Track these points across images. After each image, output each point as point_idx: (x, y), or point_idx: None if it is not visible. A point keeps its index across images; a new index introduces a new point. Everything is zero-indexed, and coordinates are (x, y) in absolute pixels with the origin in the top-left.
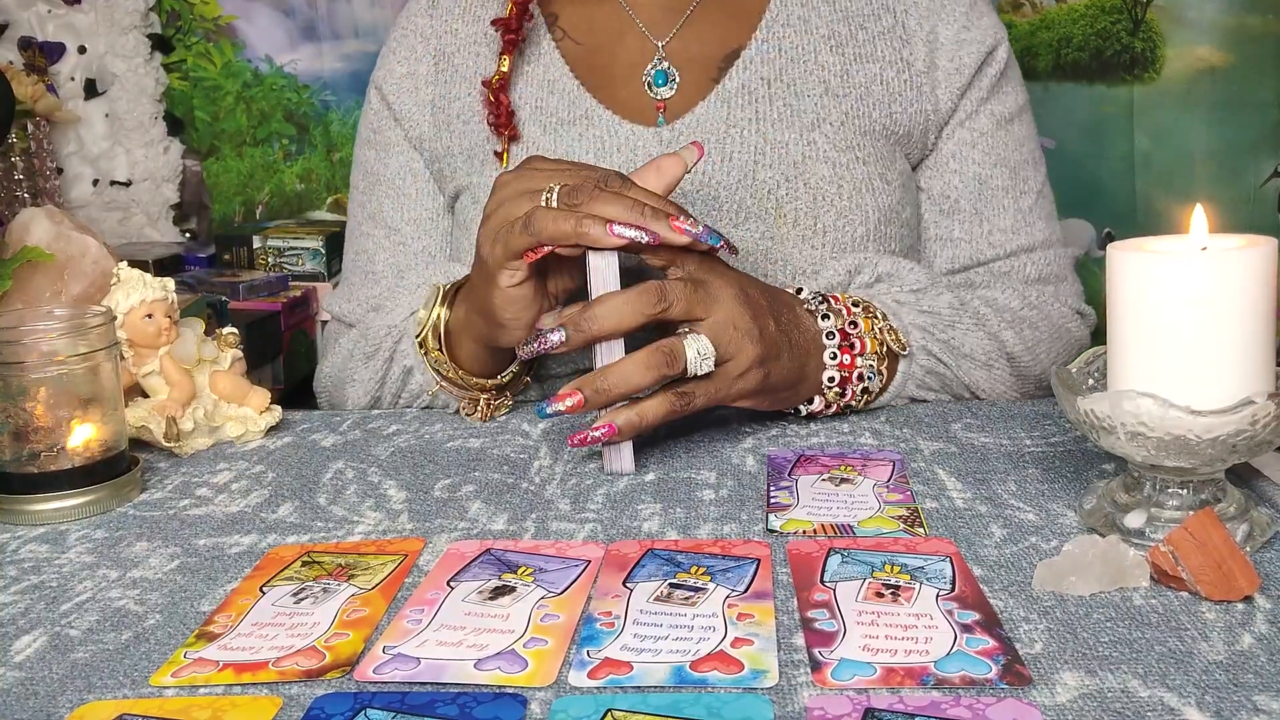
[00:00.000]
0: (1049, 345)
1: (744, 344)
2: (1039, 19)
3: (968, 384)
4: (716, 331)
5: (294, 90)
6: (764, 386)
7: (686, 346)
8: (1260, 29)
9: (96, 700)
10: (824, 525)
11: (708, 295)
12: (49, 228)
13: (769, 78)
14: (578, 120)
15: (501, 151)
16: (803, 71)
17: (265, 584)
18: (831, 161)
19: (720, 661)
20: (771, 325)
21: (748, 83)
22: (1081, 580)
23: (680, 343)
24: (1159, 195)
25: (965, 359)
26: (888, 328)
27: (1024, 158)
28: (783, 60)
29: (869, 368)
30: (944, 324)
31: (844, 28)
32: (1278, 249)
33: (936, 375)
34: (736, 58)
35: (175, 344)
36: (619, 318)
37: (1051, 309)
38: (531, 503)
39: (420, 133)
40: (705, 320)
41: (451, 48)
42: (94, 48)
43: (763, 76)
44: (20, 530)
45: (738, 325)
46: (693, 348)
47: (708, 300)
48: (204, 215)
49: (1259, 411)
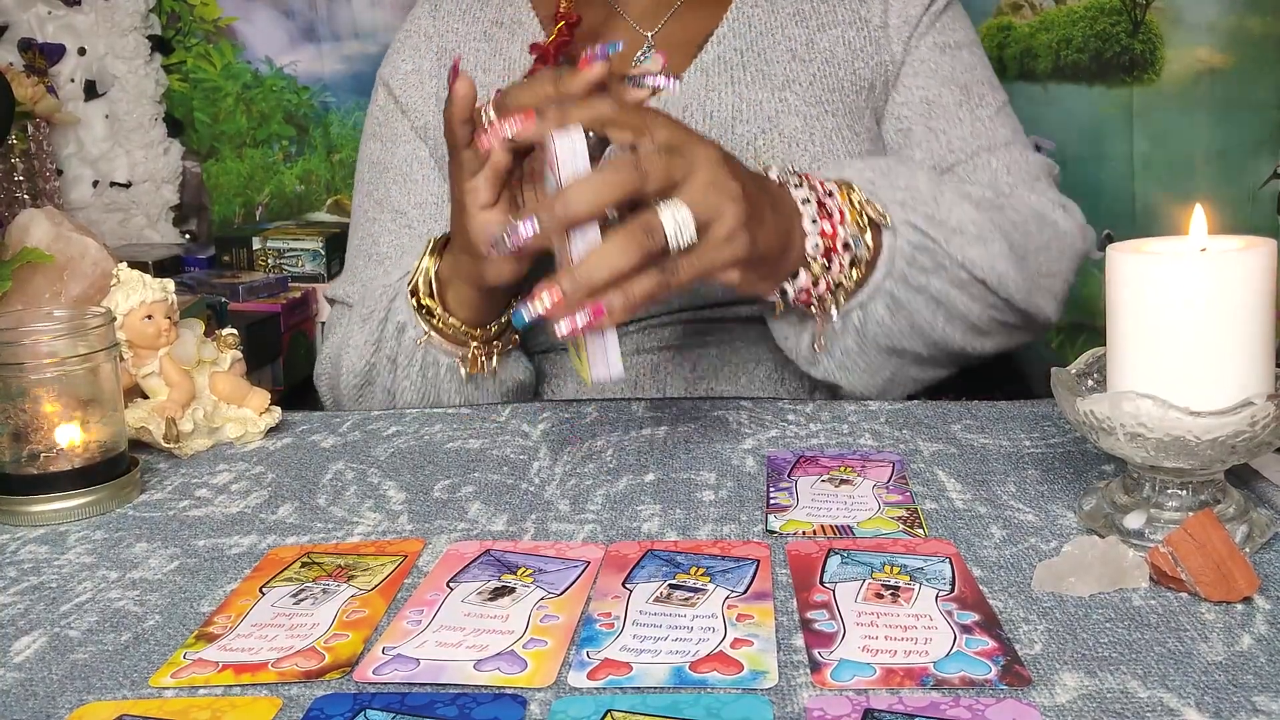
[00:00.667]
0: (1038, 230)
1: (725, 204)
2: (1038, 21)
3: (962, 261)
4: (695, 195)
5: (294, 92)
6: (751, 253)
7: (663, 217)
8: (1260, 30)
9: (96, 701)
10: (823, 526)
11: (683, 160)
12: (49, 229)
13: (741, 48)
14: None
15: None
16: (771, 42)
17: (265, 585)
18: (803, 115)
19: (720, 662)
20: (752, 187)
21: (723, 54)
22: (1081, 581)
23: (656, 215)
24: (1158, 196)
25: (955, 233)
26: (864, 199)
27: (976, 78)
28: (753, 34)
29: (853, 237)
30: (924, 199)
31: (807, 4)
32: (1277, 250)
33: (927, 252)
34: (711, 35)
35: (175, 345)
36: (594, 195)
37: (1030, 199)
38: (531, 504)
39: (426, 122)
40: (682, 185)
41: (452, 45)
42: (94, 49)
43: (736, 48)
44: (20, 531)
45: (718, 185)
46: (669, 216)
47: (683, 165)
48: (204, 217)
49: (1258, 413)
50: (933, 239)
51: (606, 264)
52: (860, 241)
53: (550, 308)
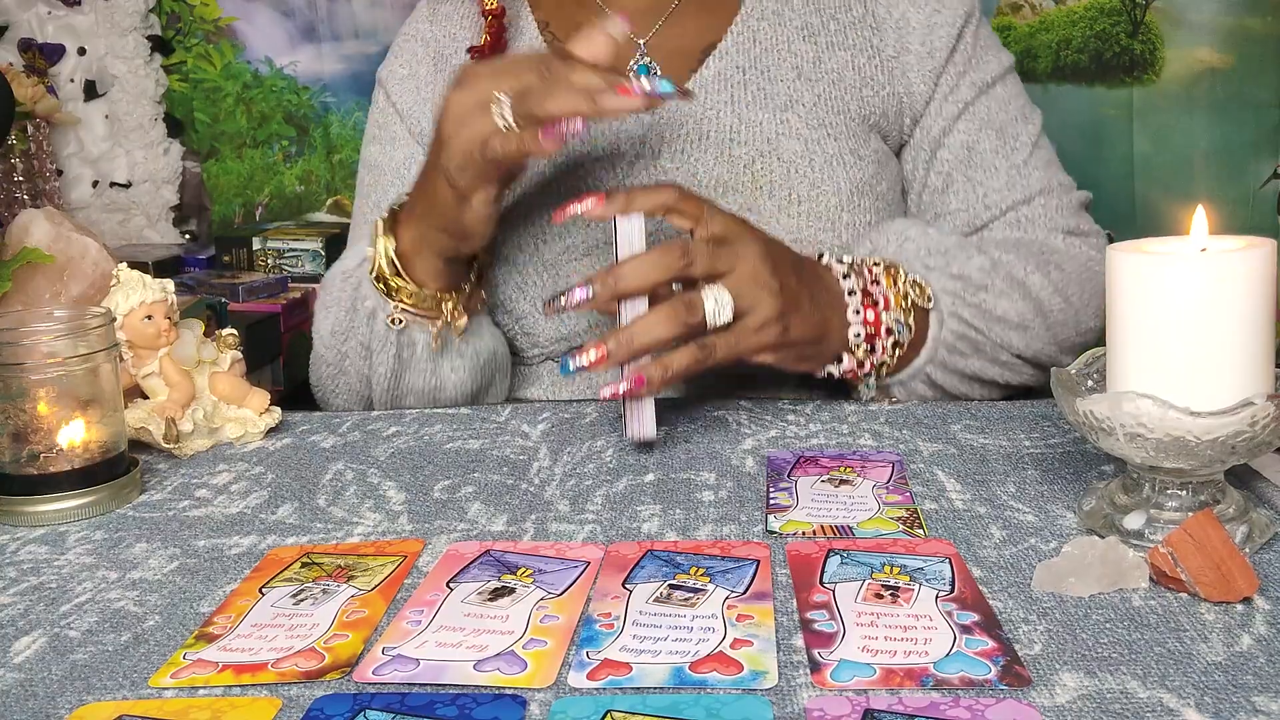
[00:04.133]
0: (1079, 287)
1: (762, 296)
2: (1038, 21)
3: (1003, 344)
4: (737, 284)
5: (294, 92)
6: (784, 340)
7: (705, 297)
8: (1260, 30)
9: (96, 701)
10: (823, 526)
11: (730, 252)
12: (49, 229)
13: (744, 65)
14: None
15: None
16: (776, 59)
17: (265, 585)
18: (803, 138)
19: (719, 662)
20: (793, 281)
21: (723, 70)
22: (1081, 581)
23: (699, 295)
24: (1158, 197)
25: (998, 322)
26: (911, 281)
27: (1011, 115)
28: (757, 50)
29: (896, 321)
30: (974, 287)
31: (816, 19)
32: (1277, 250)
33: (969, 340)
34: (713, 49)
35: (175, 345)
36: (643, 274)
37: (1076, 252)
38: (531, 504)
39: (422, 128)
40: (727, 275)
41: (449, 50)
42: (94, 49)
43: (738, 65)
44: (20, 531)
45: (758, 279)
46: (711, 298)
47: (730, 256)
48: (204, 217)
49: (1258, 413)
50: (977, 329)
51: (649, 332)
52: (903, 326)
53: (594, 362)
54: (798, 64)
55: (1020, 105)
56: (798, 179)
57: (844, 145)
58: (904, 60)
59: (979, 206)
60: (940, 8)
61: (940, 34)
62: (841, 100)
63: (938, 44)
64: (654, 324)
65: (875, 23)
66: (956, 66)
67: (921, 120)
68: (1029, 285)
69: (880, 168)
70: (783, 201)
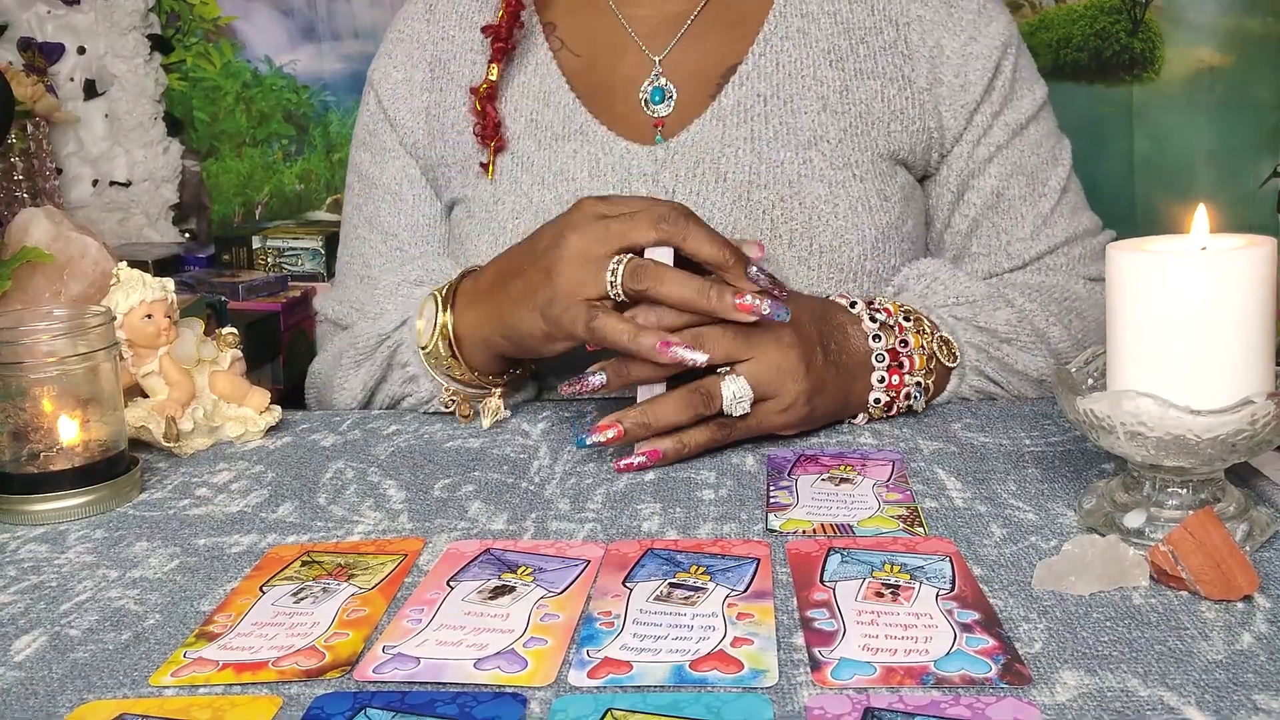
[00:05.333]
0: (1097, 334)
1: (786, 384)
2: (1038, 19)
3: (1018, 395)
4: (759, 373)
5: (293, 91)
6: (808, 419)
7: (724, 388)
8: (1260, 30)
9: (96, 700)
10: (823, 525)
11: (748, 341)
12: (48, 228)
13: (765, 94)
14: (573, 135)
15: (487, 163)
16: (800, 87)
17: (265, 584)
18: (828, 180)
19: (720, 661)
20: (819, 358)
21: (744, 99)
22: (1081, 580)
23: (718, 384)
24: (1158, 196)
25: (1017, 375)
26: (939, 339)
27: (1042, 159)
28: (780, 75)
29: (915, 385)
30: (999, 340)
31: (844, 41)
32: (1277, 249)
33: (985, 392)
34: (734, 73)
35: (175, 344)
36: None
37: (1097, 296)
38: (531, 502)
39: (415, 140)
40: (748, 362)
41: (447, 54)
42: (93, 48)
43: (759, 93)
44: (20, 530)
45: (781, 367)
46: (729, 389)
47: (748, 346)
48: (203, 216)
49: (1258, 411)
50: (996, 383)
51: (664, 416)
52: (922, 390)
53: (609, 440)
54: (823, 93)
55: (1051, 146)
56: (820, 227)
57: (870, 187)
58: (936, 93)
59: (1002, 255)
60: (977, 35)
61: (976, 65)
62: (869, 136)
63: (973, 77)
64: (668, 409)
65: (908, 50)
66: (992, 105)
67: (949, 157)
68: (1050, 337)
69: (906, 205)
70: (803, 253)
